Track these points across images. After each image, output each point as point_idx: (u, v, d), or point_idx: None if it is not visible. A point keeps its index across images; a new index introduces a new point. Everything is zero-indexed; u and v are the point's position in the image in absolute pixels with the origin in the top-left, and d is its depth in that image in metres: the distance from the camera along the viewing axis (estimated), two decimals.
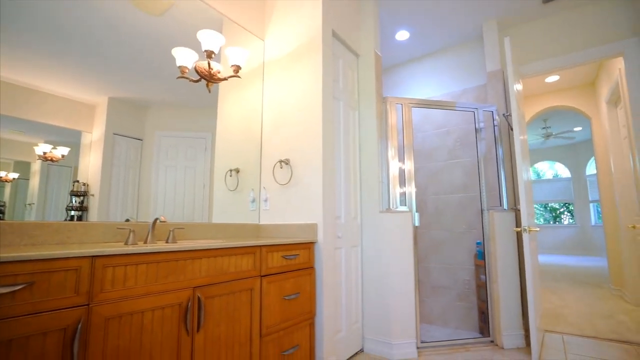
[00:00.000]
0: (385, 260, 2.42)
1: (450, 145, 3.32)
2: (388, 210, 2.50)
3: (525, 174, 2.55)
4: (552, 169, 10.54)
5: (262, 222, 2.39)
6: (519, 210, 2.64)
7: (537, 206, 10.81)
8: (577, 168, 9.56)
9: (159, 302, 1.26)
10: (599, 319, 3.16)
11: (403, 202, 2.55)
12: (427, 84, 3.61)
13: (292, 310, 1.88)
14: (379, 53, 2.75)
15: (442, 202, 3.30)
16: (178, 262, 1.35)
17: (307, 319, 1.99)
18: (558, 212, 10.78)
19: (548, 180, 10.33)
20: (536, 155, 10.23)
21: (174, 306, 1.32)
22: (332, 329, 2.10)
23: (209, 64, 2.01)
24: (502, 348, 2.50)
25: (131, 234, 1.54)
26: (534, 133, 8.17)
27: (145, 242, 1.64)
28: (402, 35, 3.29)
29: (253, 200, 2.42)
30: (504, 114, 2.75)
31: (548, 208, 10.84)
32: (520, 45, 3.20)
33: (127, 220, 1.75)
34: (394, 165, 2.55)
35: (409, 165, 2.57)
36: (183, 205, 2.06)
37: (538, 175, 10.60)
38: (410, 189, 2.54)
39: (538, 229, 2.34)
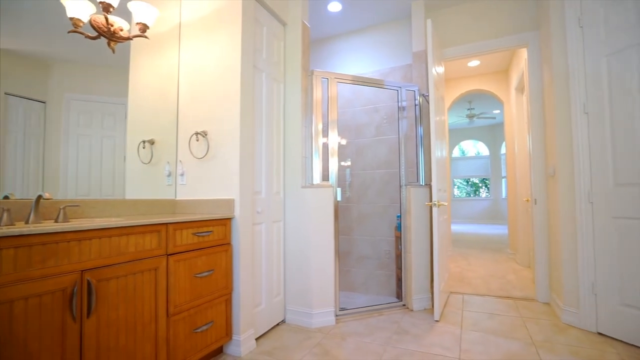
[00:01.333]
0: (306, 234, 2.48)
1: (378, 122, 3.42)
2: (310, 185, 2.53)
3: (439, 152, 2.73)
4: (475, 148, 11.60)
5: (178, 198, 2.26)
6: None
7: (460, 181, 11.90)
8: (494, 147, 10.64)
9: (34, 290, 1.13)
10: (493, 280, 3.65)
11: (326, 177, 2.59)
12: (358, 59, 3.62)
13: (206, 288, 1.84)
14: (307, 24, 2.66)
15: (369, 178, 3.44)
16: (59, 244, 1.21)
17: (223, 294, 1.97)
18: (478, 186, 12.01)
19: (471, 158, 11.37)
20: (462, 134, 11.12)
21: (56, 292, 1.19)
22: (251, 303, 2.12)
23: (106, 18, 1.76)
24: (412, 310, 2.76)
25: (5, 214, 1.35)
26: (460, 114, 8.82)
27: (27, 222, 1.45)
28: (335, 6, 3.21)
29: (169, 175, 2.27)
30: (423, 95, 2.88)
31: (470, 183, 12.02)
32: (444, 28, 3.33)
33: (6, 197, 1.52)
34: (318, 141, 2.56)
35: (332, 141, 2.60)
36: (100, 180, 1.87)
37: (463, 152, 11.59)
38: (334, 165, 2.59)
39: (446, 203, 2.56)
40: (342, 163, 3.54)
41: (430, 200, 2.90)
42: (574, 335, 2.24)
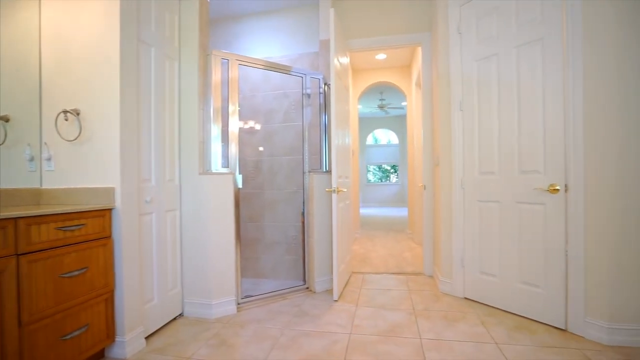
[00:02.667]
0: (205, 223, 2.37)
1: (287, 108, 3.41)
2: (209, 172, 2.41)
3: (341, 140, 2.85)
4: (387, 136, 12.51)
5: (45, 187, 1.94)
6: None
7: (374, 167, 12.76)
8: (403, 136, 11.59)
9: None
10: (391, 258, 4.02)
11: (226, 163, 2.50)
12: (268, 43, 3.53)
13: (78, 288, 1.63)
14: None
15: (277, 164, 3.42)
16: None
17: (103, 294, 1.77)
18: (389, 172, 13.04)
19: (383, 146, 12.23)
20: (375, 123, 11.85)
21: None
22: (138, 300, 1.96)
23: None
24: (315, 292, 2.88)
25: None
26: (372, 104, 9.36)
27: None
28: None
29: (31, 159, 1.92)
30: (327, 83, 2.95)
31: (381, 169, 12.98)
32: (351, 19, 3.43)
33: None
34: (218, 125, 2.43)
35: (233, 126, 2.50)
36: None
37: (376, 140, 12.39)
38: (234, 150, 2.50)
39: (345, 189, 2.69)
40: (255, 148, 3.45)
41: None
42: (447, 301, 2.60)
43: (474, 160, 2.52)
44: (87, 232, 1.69)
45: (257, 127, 3.45)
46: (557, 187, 2.03)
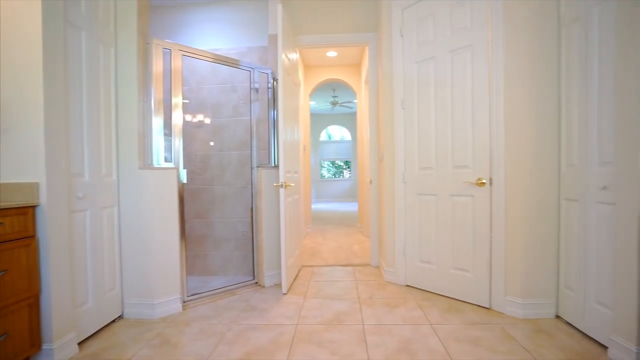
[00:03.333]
0: (147, 220, 2.26)
1: (235, 102, 3.35)
2: (150, 166, 2.30)
3: (289, 135, 2.87)
4: (340, 132, 12.76)
5: None
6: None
7: (327, 162, 12.97)
8: (355, 133, 11.91)
9: None
10: (341, 251, 4.15)
11: (170, 158, 2.40)
12: (217, 34, 3.42)
13: None
14: None
15: (226, 159, 3.36)
16: None
17: (25, 298, 1.63)
18: (342, 168, 13.33)
19: (336, 142, 12.46)
20: (329, 119, 12.03)
21: None
22: (70, 303, 1.82)
23: None
24: (264, 287, 2.89)
25: None
26: (325, 100, 9.49)
27: None
28: None
29: None
30: (275, 78, 2.95)
31: (335, 165, 13.23)
32: (301, 15, 3.45)
33: None
34: (160, 118, 2.33)
35: (177, 119, 2.41)
36: None
37: (329, 137, 12.59)
38: (178, 144, 2.41)
39: (293, 184, 2.73)
40: (203, 143, 3.34)
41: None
42: (390, 289, 2.76)
43: (414, 156, 2.69)
44: (5, 231, 1.53)
45: (207, 121, 3.35)
46: (484, 181, 2.25)
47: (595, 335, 1.85)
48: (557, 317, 2.17)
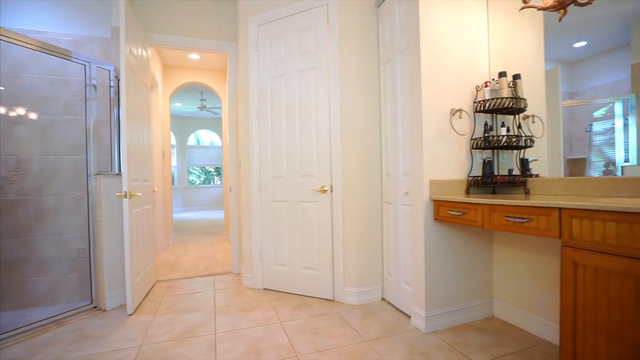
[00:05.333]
0: None
1: (69, 98, 2.86)
2: None
3: (139, 138, 2.64)
4: (210, 137, 12.24)
5: None
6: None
7: (196, 168, 12.22)
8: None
9: None
10: (202, 261, 4.01)
11: None
12: (46, 13, 2.85)
13: None
14: None
15: (55, 164, 2.82)
16: None
17: None
18: (212, 174, 12.78)
19: (206, 147, 11.89)
20: (198, 123, 11.40)
21: None
22: None
23: None
24: (105, 310, 2.54)
25: None
26: (194, 104, 9.00)
27: None
28: None
29: None
30: (116, 76, 2.67)
31: (205, 170, 12.58)
32: (158, 12, 3.22)
33: None
34: None
35: None
36: None
37: (198, 141, 11.92)
38: None
39: (140, 194, 2.51)
40: (21, 143, 2.69)
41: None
42: (248, 295, 2.84)
43: (269, 165, 2.86)
44: None
45: (32, 116, 2.74)
46: (326, 188, 2.58)
47: (404, 308, 2.36)
48: (383, 299, 2.65)
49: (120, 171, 2.71)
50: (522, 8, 1.84)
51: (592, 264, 1.23)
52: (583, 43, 1.81)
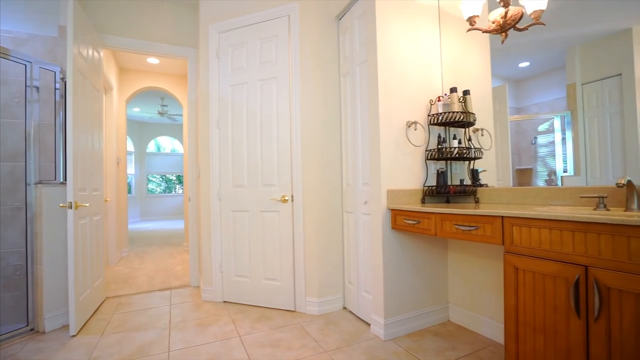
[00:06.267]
0: None
1: (6, 101, 2.63)
2: None
3: (87, 144, 2.48)
4: (172, 144, 11.78)
5: None
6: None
7: (156, 176, 11.68)
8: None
9: None
10: (159, 274, 3.81)
11: None
12: None
13: None
14: None
15: None
16: None
17: None
18: (173, 182, 12.27)
19: (167, 154, 11.42)
20: (159, 129, 10.95)
21: None
22: None
23: None
24: (44, 332, 2.33)
25: None
26: (153, 109, 8.65)
27: None
28: None
29: None
30: (62, 78, 2.51)
31: (166, 179, 12.06)
32: (113, 13, 3.08)
33: None
34: None
35: None
36: None
37: (159, 148, 11.43)
38: None
39: (88, 204, 2.35)
40: None
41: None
42: (206, 308, 2.73)
43: (229, 174, 2.79)
44: None
45: None
46: (287, 198, 2.57)
47: (364, 317, 2.38)
48: (344, 308, 2.66)
49: (65, 180, 2.52)
50: (469, 30, 1.97)
51: (530, 268, 1.32)
52: (527, 63, 1.96)
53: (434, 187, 2.23)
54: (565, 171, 1.81)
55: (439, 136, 2.27)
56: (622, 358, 1.07)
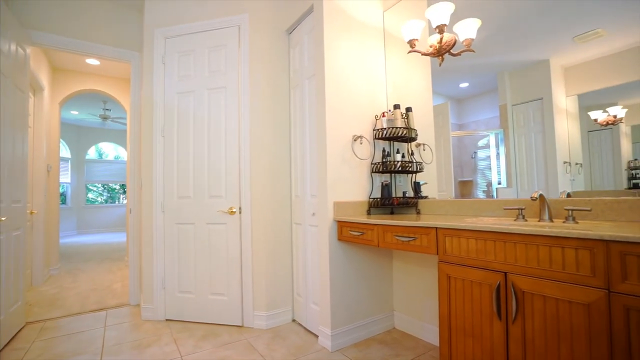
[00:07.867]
0: None
1: None
2: None
3: (6, 149, 2.23)
4: (116, 151, 10.98)
5: None
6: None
7: (97, 185, 10.78)
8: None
9: None
10: (94, 293, 3.49)
11: None
12: None
13: None
14: None
15: None
16: None
17: None
18: (116, 192, 11.40)
19: (109, 162, 10.62)
20: (101, 135, 10.18)
21: None
22: None
23: None
24: None
25: None
26: (94, 112, 8.04)
27: None
28: None
29: None
30: None
31: (108, 188, 11.17)
32: (41, 7, 2.84)
33: None
34: None
35: None
36: None
37: (100, 155, 10.60)
38: None
39: (4, 218, 2.11)
40: None
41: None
42: (146, 328, 2.54)
43: (174, 185, 2.67)
44: None
45: None
46: (234, 210, 2.51)
47: (313, 328, 2.38)
48: (294, 320, 2.64)
49: None
50: (410, 52, 2.11)
51: (460, 276, 1.42)
52: (466, 84, 2.14)
53: (379, 199, 2.31)
54: (499, 183, 1.98)
55: (384, 150, 2.37)
56: (534, 357, 1.18)
